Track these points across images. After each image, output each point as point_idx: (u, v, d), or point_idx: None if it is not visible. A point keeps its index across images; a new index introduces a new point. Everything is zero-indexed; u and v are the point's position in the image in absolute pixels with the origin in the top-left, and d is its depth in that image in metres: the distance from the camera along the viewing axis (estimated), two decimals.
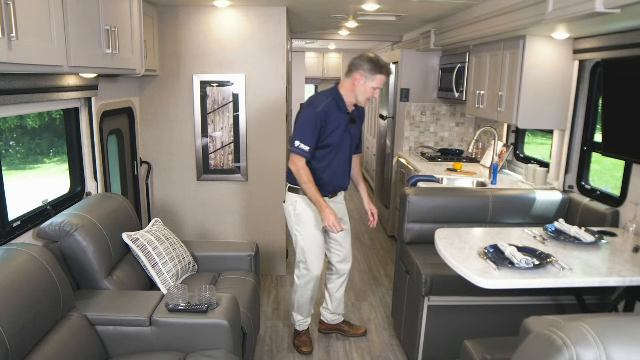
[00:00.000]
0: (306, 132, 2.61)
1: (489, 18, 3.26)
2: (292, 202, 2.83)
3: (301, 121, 2.64)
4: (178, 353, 2.11)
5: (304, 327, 3.12)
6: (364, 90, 2.64)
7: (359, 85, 2.63)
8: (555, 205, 3.06)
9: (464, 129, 5.15)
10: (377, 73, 2.60)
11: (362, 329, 3.30)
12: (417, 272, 2.74)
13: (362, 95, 2.66)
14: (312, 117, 2.61)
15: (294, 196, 2.82)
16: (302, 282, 2.94)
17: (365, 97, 2.67)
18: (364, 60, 2.62)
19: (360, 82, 2.63)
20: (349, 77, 2.66)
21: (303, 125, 2.62)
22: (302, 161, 2.64)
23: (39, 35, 1.85)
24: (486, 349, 1.98)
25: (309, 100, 2.77)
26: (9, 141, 2.57)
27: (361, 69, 2.61)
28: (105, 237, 2.43)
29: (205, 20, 3.96)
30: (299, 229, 2.85)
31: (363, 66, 2.61)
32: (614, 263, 2.19)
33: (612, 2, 1.92)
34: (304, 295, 2.98)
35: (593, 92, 3.10)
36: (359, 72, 2.62)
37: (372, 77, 2.61)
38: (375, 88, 2.64)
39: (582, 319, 1.20)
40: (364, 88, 2.63)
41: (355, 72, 2.63)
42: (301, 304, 3.02)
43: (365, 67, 2.60)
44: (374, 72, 2.60)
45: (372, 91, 2.65)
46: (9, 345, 1.60)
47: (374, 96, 2.69)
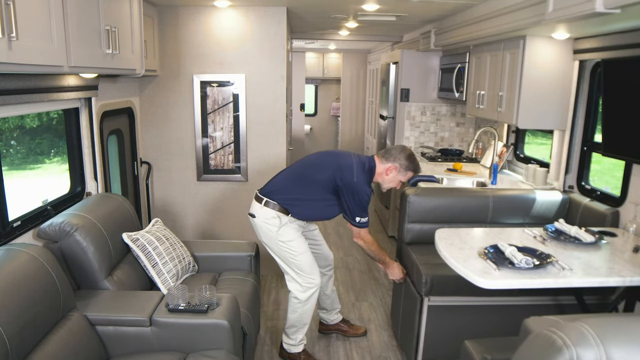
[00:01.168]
0: (364, 206, 2.69)
1: (489, 18, 3.26)
2: (273, 217, 2.69)
3: (360, 198, 2.66)
4: (178, 353, 2.11)
5: (302, 347, 2.94)
6: (392, 179, 2.76)
7: (390, 175, 2.74)
8: (555, 205, 3.06)
9: (464, 129, 5.15)
10: (410, 171, 2.75)
11: (362, 329, 3.29)
12: (417, 272, 2.74)
13: (388, 183, 2.78)
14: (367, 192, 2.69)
15: (271, 211, 2.69)
16: (306, 295, 2.77)
17: (391, 185, 2.79)
18: (402, 155, 2.73)
19: (392, 173, 2.74)
20: (384, 164, 2.73)
21: (361, 200, 2.67)
22: (367, 233, 2.78)
23: (39, 35, 1.85)
24: (486, 349, 1.98)
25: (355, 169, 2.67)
26: (9, 141, 2.57)
27: (398, 162, 2.72)
28: (105, 237, 2.43)
29: (205, 20, 3.96)
30: (285, 240, 2.71)
31: (401, 160, 2.72)
32: (614, 263, 2.18)
33: (612, 2, 1.92)
34: (308, 310, 2.82)
35: (593, 92, 3.10)
36: (396, 164, 2.72)
37: (404, 173, 2.75)
38: (402, 182, 2.79)
39: (582, 319, 1.20)
40: (393, 178, 2.75)
41: (392, 163, 2.72)
42: (306, 320, 2.85)
43: (403, 163, 2.72)
44: (408, 170, 2.74)
45: (398, 182, 2.78)
46: (9, 345, 1.60)
47: (397, 187, 2.82)
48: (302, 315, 2.83)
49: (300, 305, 2.81)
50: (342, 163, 2.68)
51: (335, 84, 9.86)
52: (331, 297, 3.18)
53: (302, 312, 2.82)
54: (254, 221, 2.77)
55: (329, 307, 3.21)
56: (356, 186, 2.63)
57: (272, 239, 2.73)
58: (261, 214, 2.71)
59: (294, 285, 2.81)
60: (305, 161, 2.84)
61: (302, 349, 2.93)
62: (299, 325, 2.86)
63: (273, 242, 2.73)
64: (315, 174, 2.72)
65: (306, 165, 2.80)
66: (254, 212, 2.76)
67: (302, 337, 2.91)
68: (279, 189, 2.74)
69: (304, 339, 2.94)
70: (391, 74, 5.27)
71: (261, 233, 2.77)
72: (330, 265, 3.11)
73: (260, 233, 2.78)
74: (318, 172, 2.71)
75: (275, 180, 2.82)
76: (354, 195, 2.64)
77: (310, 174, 2.74)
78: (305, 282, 2.78)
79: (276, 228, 2.70)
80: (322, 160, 2.78)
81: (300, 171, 2.79)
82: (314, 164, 2.78)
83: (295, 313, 2.83)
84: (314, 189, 2.70)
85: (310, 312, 2.84)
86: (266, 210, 2.70)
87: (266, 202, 2.70)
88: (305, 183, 2.72)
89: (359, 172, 2.66)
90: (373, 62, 7.87)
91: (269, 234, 2.72)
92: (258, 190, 2.81)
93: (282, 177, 2.82)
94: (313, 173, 2.73)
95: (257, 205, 2.74)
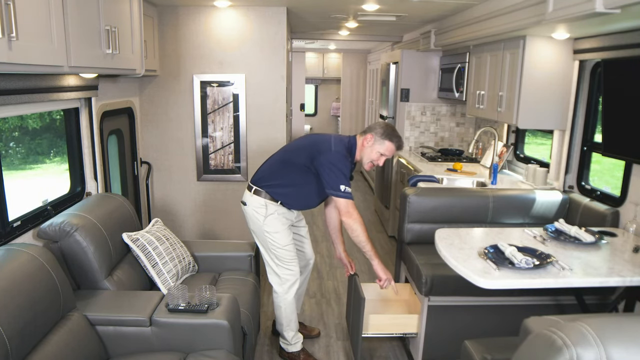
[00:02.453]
0: (345, 176, 2.61)
1: (489, 18, 3.26)
2: (260, 205, 2.71)
3: (337, 166, 2.58)
4: (178, 353, 2.11)
5: (300, 346, 2.92)
6: (370, 151, 2.66)
7: (367, 146, 2.66)
8: (555, 205, 3.06)
9: (464, 129, 5.15)
10: (387, 139, 2.63)
11: (316, 330, 3.27)
12: (417, 272, 2.74)
13: (367, 156, 2.67)
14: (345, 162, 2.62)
15: (260, 199, 2.71)
16: (286, 286, 2.78)
17: (370, 159, 2.67)
18: (379, 125, 2.68)
19: (368, 143, 2.65)
20: (361, 137, 2.69)
21: (338, 170, 2.59)
22: (354, 207, 2.62)
23: (39, 35, 1.85)
24: (486, 349, 1.98)
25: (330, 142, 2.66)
26: (9, 141, 2.57)
27: (374, 131, 2.66)
28: (105, 237, 2.43)
29: (205, 20, 3.96)
30: (270, 231, 2.72)
31: (376, 130, 2.65)
32: (614, 263, 2.18)
33: (612, 2, 1.92)
34: (290, 303, 2.82)
35: (593, 92, 3.10)
36: (372, 133, 2.66)
37: (381, 142, 2.63)
38: (382, 154, 2.66)
39: (582, 319, 1.20)
40: (371, 150, 2.65)
41: (368, 133, 2.67)
42: (290, 313, 2.84)
43: (378, 131, 2.65)
44: (384, 138, 2.63)
45: (377, 156, 2.66)
46: (9, 345, 1.60)
47: (379, 163, 2.69)
48: (285, 309, 2.83)
49: (281, 299, 2.82)
50: (319, 140, 2.68)
51: (335, 84, 9.87)
52: (300, 296, 3.13)
53: (285, 306, 2.83)
54: (244, 209, 2.80)
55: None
56: (334, 156, 2.59)
57: (259, 228, 2.76)
58: (251, 202, 2.75)
59: (274, 278, 2.83)
60: (286, 147, 2.87)
61: (299, 347, 2.93)
62: (285, 321, 2.86)
63: (259, 230, 2.76)
64: (294, 158, 2.72)
65: (287, 151, 2.82)
66: (245, 200, 2.79)
67: (294, 335, 2.91)
68: (264, 176, 2.77)
69: (299, 337, 2.94)
70: (391, 74, 5.27)
71: (249, 221, 2.80)
72: (309, 266, 3.08)
73: (249, 221, 2.81)
74: (297, 155, 2.71)
75: (261, 168, 2.85)
76: (333, 166, 2.57)
77: (290, 158, 2.74)
78: (283, 273, 2.79)
79: (263, 217, 2.72)
80: (301, 142, 2.78)
81: (281, 157, 2.80)
82: (294, 148, 2.79)
83: (279, 309, 2.85)
84: (295, 172, 2.70)
85: (292, 306, 2.85)
86: (255, 198, 2.73)
87: (255, 190, 2.74)
88: (286, 167, 2.73)
89: (337, 144, 2.63)
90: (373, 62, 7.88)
91: (256, 222, 2.75)
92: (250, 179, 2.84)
93: (267, 164, 2.84)
94: (293, 157, 2.73)
95: (248, 193, 2.78)
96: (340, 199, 2.60)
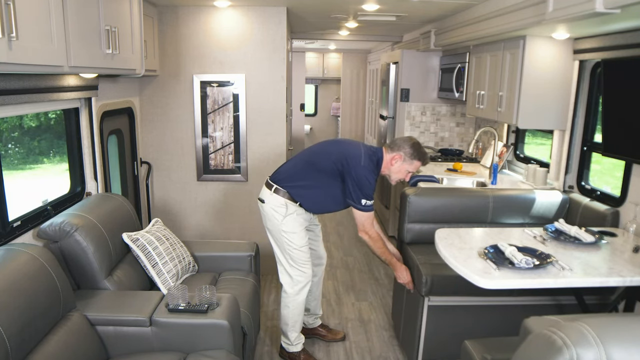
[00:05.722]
0: (369, 190, 2.65)
1: (489, 18, 3.26)
2: (280, 205, 2.72)
3: (363, 179, 2.62)
4: (178, 353, 2.11)
5: (300, 347, 2.93)
6: (398, 169, 2.71)
7: (396, 165, 2.70)
8: (555, 205, 3.06)
9: (464, 129, 5.15)
10: (416, 159, 2.70)
11: (341, 333, 3.26)
12: (417, 272, 2.74)
13: (395, 174, 2.73)
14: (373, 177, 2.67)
15: (280, 199, 2.72)
16: (297, 288, 2.80)
17: (398, 177, 2.74)
18: (407, 144, 2.70)
19: (397, 162, 2.70)
20: (389, 154, 2.71)
21: (366, 183, 2.62)
22: (371, 222, 2.71)
23: (39, 35, 1.85)
24: (486, 349, 1.98)
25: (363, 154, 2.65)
26: (9, 141, 2.57)
27: (403, 150, 2.69)
28: (105, 237, 2.43)
29: (205, 20, 3.96)
30: (288, 231, 2.74)
31: (405, 149, 2.69)
32: (614, 263, 2.19)
33: (612, 2, 1.92)
34: (299, 305, 2.84)
35: (593, 92, 3.09)
36: (400, 153, 2.69)
37: (410, 162, 2.69)
38: (410, 172, 2.73)
39: (582, 319, 1.20)
40: (400, 168, 2.71)
41: (397, 152, 2.70)
42: (297, 315, 2.86)
43: (407, 151, 2.68)
44: (413, 158, 2.69)
45: (405, 174, 2.73)
46: (9, 345, 1.60)
47: (406, 179, 2.76)
48: (293, 310, 2.84)
49: (290, 300, 2.83)
50: (350, 150, 2.68)
51: (335, 84, 9.86)
52: (317, 299, 3.15)
53: (293, 307, 2.83)
54: (262, 206, 2.80)
55: (312, 310, 3.17)
56: (362, 170, 2.62)
57: (275, 227, 2.76)
58: (270, 200, 2.75)
59: (285, 279, 2.83)
60: (313, 149, 2.85)
61: (300, 348, 2.93)
62: (290, 322, 2.87)
63: (276, 229, 2.76)
64: (322, 161, 2.72)
65: (313, 153, 2.81)
66: (263, 198, 2.79)
67: (297, 336, 2.91)
68: (287, 176, 2.76)
69: (301, 338, 2.94)
70: (391, 74, 5.27)
71: (267, 219, 2.80)
72: (322, 265, 3.10)
73: (266, 219, 2.81)
74: (325, 159, 2.71)
75: (284, 167, 2.85)
76: (360, 179, 2.61)
77: (317, 162, 2.74)
78: (295, 274, 2.79)
79: (281, 217, 2.72)
80: (330, 147, 2.79)
81: (307, 158, 2.79)
82: (322, 151, 2.78)
83: (286, 308, 2.85)
84: (320, 176, 2.70)
85: (300, 308, 2.86)
86: (275, 197, 2.73)
87: (276, 189, 2.74)
88: (312, 170, 2.73)
89: (366, 159, 2.65)
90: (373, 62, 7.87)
91: (274, 221, 2.75)
92: (269, 177, 2.83)
93: (291, 164, 2.83)
94: (320, 160, 2.73)
95: (267, 191, 2.77)
96: (357, 212, 2.67)
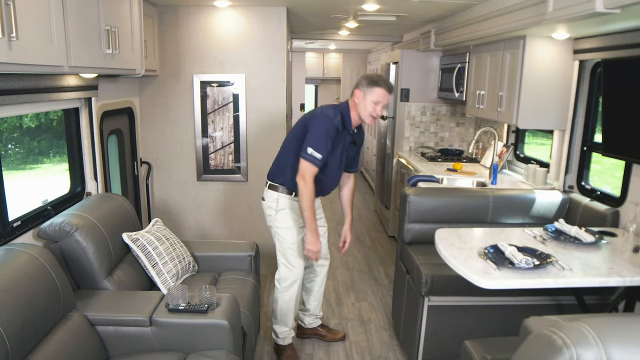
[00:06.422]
0: (322, 141, 2.57)
1: (489, 18, 3.26)
2: (273, 200, 2.78)
3: (317, 129, 2.58)
4: (178, 353, 2.11)
5: (288, 341, 2.98)
6: (364, 105, 2.64)
7: (359, 102, 2.65)
8: (555, 205, 3.06)
9: (464, 129, 5.15)
10: (375, 86, 2.62)
11: (341, 333, 3.26)
12: (417, 272, 2.74)
13: (363, 110, 2.65)
14: (330, 126, 2.59)
15: (274, 194, 2.78)
16: (285, 284, 2.84)
17: (367, 112, 2.64)
18: (362, 77, 2.70)
19: (359, 98, 2.65)
20: (351, 98, 2.70)
21: (319, 133, 2.57)
22: (312, 174, 2.59)
23: (39, 35, 1.85)
24: (486, 349, 1.98)
25: (319, 109, 2.70)
26: (9, 141, 2.57)
27: (360, 85, 2.66)
28: (105, 237, 2.43)
29: (205, 20, 3.96)
30: (280, 226, 2.79)
31: (361, 82, 2.66)
32: (614, 263, 2.18)
33: (612, 2, 1.92)
34: (287, 301, 2.87)
35: (593, 92, 3.09)
36: (359, 88, 2.66)
37: (370, 90, 2.62)
38: (376, 102, 2.63)
39: (582, 319, 1.20)
40: (364, 102, 2.64)
41: (355, 90, 2.68)
42: (285, 311, 2.89)
43: (363, 82, 2.65)
44: (372, 85, 2.62)
45: (372, 106, 2.63)
46: (9, 345, 1.60)
47: (377, 112, 2.66)
48: (281, 305, 2.89)
49: (279, 295, 2.89)
50: (309, 112, 2.74)
51: (335, 84, 9.86)
52: (318, 299, 3.15)
53: (281, 303, 2.89)
54: (262, 204, 2.89)
55: (312, 310, 3.18)
56: (318, 119, 2.62)
57: (271, 222, 2.84)
58: (266, 197, 2.84)
59: (277, 274, 2.91)
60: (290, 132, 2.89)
61: (287, 342, 2.99)
62: (279, 316, 2.93)
63: (272, 224, 2.84)
64: (291, 138, 2.76)
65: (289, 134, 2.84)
66: (263, 196, 2.88)
67: (285, 331, 2.97)
68: (276, 167, 2.83)
69: (289, 333, 2.99)
70: (391, 74, 5.27)
71: (265, 215, 2.87)
72: (324, 266, 3.09)
73: (265, 215, 2.88)
74: (295, 130, 2.74)
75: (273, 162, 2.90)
76: (314, 127, 2.59)
77: (288, 140, 2.80)
78: (284, 271, 2.86)
79: (274, 212, 2.80)
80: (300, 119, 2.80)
81: (285, 142, 2.84)
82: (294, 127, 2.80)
83: (276, 303, 2.92)
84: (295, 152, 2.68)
85: (288, 304, 2.89)
86: (270, 193, 2.82)
87: (270, 185, 2.82)
88: (290, 149, 2.75)
89: (326, 109, 2.67)
90: (373, 62, 7.88)
91: (269, 217, 2.84)
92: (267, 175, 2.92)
93: (277, 155, 2.89)
94: (290, 137, 2.79)
95: (265, 189, 2.87)
96: (302, 160, 2.59)
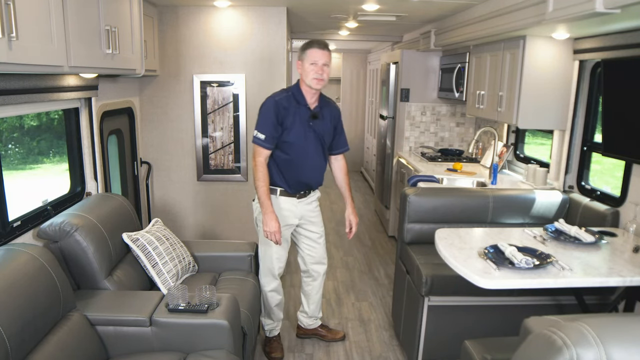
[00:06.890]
0: (262, 121, 2.68)
1: (489, 18, 3.26)
2: (256, 200, 2.83)
3: (260, 112, 2.70)
4: (178, 353, 2.11)
5: (274, 333, 3.06)
6: (305, 72, 2.66)
7: (302, 70, 2.70)
8: (555, 205, 3.06)
9: (464, 129, 5.15)
10: (307, 49, 2.66)
11: (341, 333, 3.25)
12: (417, 272, 2.74)
13: (306, 76, 2.66)
14: (270, 105, 2.68)
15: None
16: (263, 280, 2.93)
17: (310, 76, 2.64)
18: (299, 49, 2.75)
19: (300, 67, 2.70)
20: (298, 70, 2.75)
21: (260, 115, 2.69)
22: (262, 155, 2.71)
23: (39, 35, 1.85)
24: (486, 349, 1.98)
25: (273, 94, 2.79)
26: (9, 141, 2.57)
27: (298, 57, 2.72)
28: (105, 237, 2.43)
29: (205, 20, 3.96)
30: (260, 227, 2.79)
31: (298, 53, 2.72)
32: (614, 263, 2.18)
33: (612, 2, 1.92)
34: (269, 298, 2.94)
35: (593, 92, 3.09)
36: (298, 60, 2.72)
37: (304, 54, 2.66)
38: (313, 63, 2.63)
39: (582, 319, 1.20)
40: (304, 69, 2.66)
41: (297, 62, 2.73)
42: (268, 307, 2.98)
43: (300, 52, 2.71)
44: (304, 49, 2.67)
45: (311, 68, 2.63)
46: (9, 345, 1.60)
47: (319, 74, 2.63)
48: (265, 299, 2.97)
49: (262, 290, 2.96)
50: None
51: (335, 84, 9.86)
52: (315, 302, 3.13)
53: (264, 296, 2.97)
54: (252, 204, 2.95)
55: (310, 313, 3.16)
56: (264, 102, 2.71)
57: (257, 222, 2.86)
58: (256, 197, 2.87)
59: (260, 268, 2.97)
60: None
61: (272, 335, 3.07)
62: (264, 310, 3.02)
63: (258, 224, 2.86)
64: None
65: None
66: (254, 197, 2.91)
67: (270, 323, 3.04)
68: None
69: (274, 327, 3.05)
70: (391, 74, 5.27)
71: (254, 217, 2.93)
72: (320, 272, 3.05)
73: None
74: None
75: None
76: (260, 111, 2.71)
77: None
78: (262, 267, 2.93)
79: (257, 212, 2.83)
80: None
81: None
82: None
83: (261, 295, 2.98)
84: None
85: (270, 300, 2.96)
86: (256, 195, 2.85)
87: None
88: None
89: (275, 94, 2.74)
90: (373, 62, 7.88)
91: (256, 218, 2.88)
92: None
93: None
94: None
95: None
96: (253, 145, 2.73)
